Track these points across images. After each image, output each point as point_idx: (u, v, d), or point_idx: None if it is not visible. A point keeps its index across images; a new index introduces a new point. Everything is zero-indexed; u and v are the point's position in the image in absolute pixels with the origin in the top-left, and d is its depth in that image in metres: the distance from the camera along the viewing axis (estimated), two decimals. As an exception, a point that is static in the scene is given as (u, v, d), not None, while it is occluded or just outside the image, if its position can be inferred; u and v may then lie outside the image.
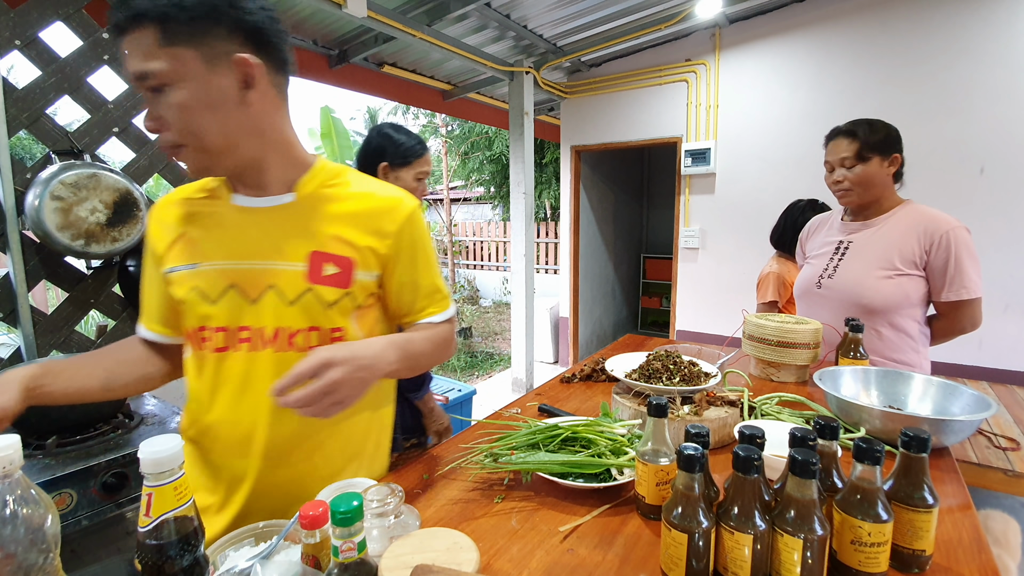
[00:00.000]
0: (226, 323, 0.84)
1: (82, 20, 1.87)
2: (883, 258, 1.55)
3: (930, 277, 1.52)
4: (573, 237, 5.18)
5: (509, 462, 0.92)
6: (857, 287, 1.57)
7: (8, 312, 1.77)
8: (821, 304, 1.66)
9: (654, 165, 6.91)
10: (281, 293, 0.83)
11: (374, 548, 0.66)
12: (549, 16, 3.52)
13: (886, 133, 1.56)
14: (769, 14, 3.71)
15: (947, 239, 1.47)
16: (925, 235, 1.50)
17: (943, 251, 1.47)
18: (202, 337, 0.85)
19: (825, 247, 1.71)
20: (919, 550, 0.68)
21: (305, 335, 0.84)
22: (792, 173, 3.73)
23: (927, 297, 1.55)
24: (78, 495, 1.36)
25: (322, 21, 3.06)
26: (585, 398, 1.40)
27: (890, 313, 1.54)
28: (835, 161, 1.60)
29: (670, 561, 0.66)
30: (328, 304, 0.84)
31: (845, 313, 1.56)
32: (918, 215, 1.54)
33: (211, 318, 0.84)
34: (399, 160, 1.60)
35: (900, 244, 1.53)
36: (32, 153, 9.79)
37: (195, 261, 0.85)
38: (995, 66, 3.04)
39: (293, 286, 0.83)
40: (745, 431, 0.74)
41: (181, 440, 0.54)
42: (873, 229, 1.61)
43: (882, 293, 1.53)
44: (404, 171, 1.60)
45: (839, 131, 1.60)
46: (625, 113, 4.46)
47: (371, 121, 20.01)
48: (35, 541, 0.51)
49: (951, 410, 1.09)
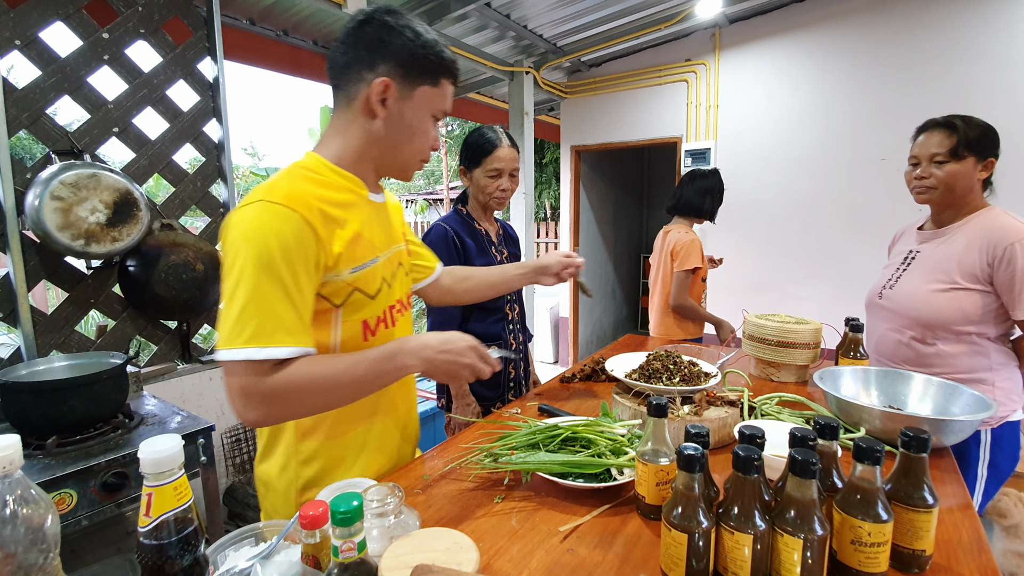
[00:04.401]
0: (396, 299, 1.02)
1: (82, 20, 1.87)
2: (943, 270, 1.43)
3: (1000, 293, 1.36)
4: (573, 237, 5.18)
5: (509, 462, 0.92)
6: (910, 300, 1.48)
7: (8, 312, 1.77)
8: (881, 315, 1.58)
9: (654, 165, 6.91)
10: (404, 267, 1.08)
11: (374, 548, 0.66)
12: (549, 16, 3.52)
13: (987, 133, 1.42)
14: (769, 14, 3.71)
15: (1011, 252, 1.32)
16: (989, 247, 1.36)
17: (1008, 265, 1.33)
18: (384, 321, 0.98)
19: (897, 256, 1.62)
20: (919, 550, 0.68)
21: (410, 296, 1.12)
22: (792, 173, 3.73)
23: (1002, 313, 1.39)
24: (78, 495, 1.36)
25: (322, 21, 3.06)
26: (585, 398, 1.40)
27: (948, 328, 1.41)
28: (925, 156, 1.45)
29: (670, 561, 0.66)
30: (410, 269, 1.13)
31: (901, 326, 1.49)
32: (989, 224, 1.39)
33: (390, 299, 1.00)
34: (468, 161, 1.65)
35: (962, 256, 1.40)
36: (32, 153, 9.77)
37: (376, 255, 0.96)
38: (995, 66, 3.05)
39: (406, 260, 1.10)
40: (745, 431, 0.74)
41: (181, 440, 0.54)
42: (942, 239, 1.48)
43: (934, 307, 1.42)
44: (477, 171, 1.64)
45: (936, 123, 1.45)
46: (625, 113, 4.46)
47: (371, 121, 20.05)
48: (35, 541, 0.51)
49: (951, 410, 1.09)
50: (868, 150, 3.43)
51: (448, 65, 0.93)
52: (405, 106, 0.91)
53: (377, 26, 0.87)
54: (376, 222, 0.98)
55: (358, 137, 0.92)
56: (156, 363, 2.14)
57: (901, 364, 1.49)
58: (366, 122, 0.91)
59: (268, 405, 0.79)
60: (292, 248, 0.79)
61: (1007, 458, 1.41)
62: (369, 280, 0.93)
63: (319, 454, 0.95)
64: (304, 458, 0.95)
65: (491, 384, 1.68)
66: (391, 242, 1.02)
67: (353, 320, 0.92)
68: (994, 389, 1.39)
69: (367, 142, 0.93)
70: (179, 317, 2.16)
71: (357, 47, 0.88)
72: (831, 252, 3.63)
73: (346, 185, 0.93)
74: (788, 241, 3.80)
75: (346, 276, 0.88)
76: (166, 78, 2.09)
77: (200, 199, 2.23)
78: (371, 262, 0.93)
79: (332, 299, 0.88)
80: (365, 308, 0.93)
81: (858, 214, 3.50)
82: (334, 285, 0.87)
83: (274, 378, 0.78)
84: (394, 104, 0.90)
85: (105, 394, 1.53)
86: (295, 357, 0.80)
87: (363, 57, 0.88)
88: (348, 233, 0.88)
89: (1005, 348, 1.43)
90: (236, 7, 2.75)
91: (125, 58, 1.97)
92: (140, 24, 1.99)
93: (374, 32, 0.87)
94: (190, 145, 2.20)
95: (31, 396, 1.43)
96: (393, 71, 0.88)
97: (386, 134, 0.92)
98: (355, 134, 0.92)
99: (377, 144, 0.93)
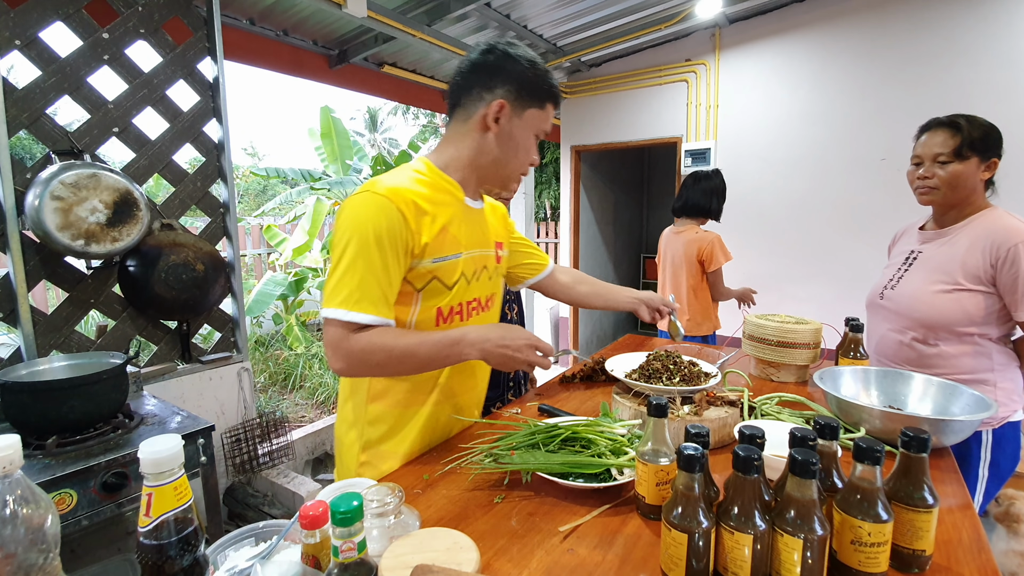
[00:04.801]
0: (473, 297, 1.12)
1: (82, 20, 1.87)
2: (945, 271, 1.42)
3: (1002, 294, 1.36)
4: (573, 237, 5.18)
5: (509, 462, 0.92)
6: (912, 301, 1.47)
7: (8, 312, 1.77)
8: (882, 316, 1.57)
9: (654, 165, 6.91)
10: (488, 271, 1.16)
11: (374, 548, 0.66)
12: (549, 16, 3.52)
13: (990, 133, 1.40)
14: (769, 14, 3.71)
15: (1014, 253, 1.31)
16: (992, 248, 1.35)
17: (1011, 266, 1.32)
18: (459, 313, 1.09)
19: (898, 256, 1.61)
20: (919, 550, 0.68)
21: (492, 299, 1.20)
22: (792, 173, 3.73)
23: (1004, 314, 1.38)
24: (78, 495, 1.36)
25: (322, 21, 3.05)
26: (585, 398, 1.40)
27: (951, 329, 1.40)
28: (928, 155, 1.44)
29: (670, 561, 0.66)
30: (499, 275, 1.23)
31: (903, 326, 1.49)
32: (992, 225, 1.38)
33: (468, 295, 1.10)
34: None
35: (965, 257, 1.39)
36: (32, 153, 9.78)
37: (459, 251, 1.06)
38: (995, 66, 3.04)
39: (492, 265, 1.18)
40: (745, 431, 0.74)
41: (181, 440, 0.54)
42: (944, 240, 1.47)
43: (937, 308, 1.41)
44: None
45: (939, 122, 1.44)
46: (625, 113, 4.46)
47: (371, 121, 20.08)
48: (35, 541, 0.51)
49: (951, 410, 1.09)
50: (868, 150, 3.43)
51: (554, 92, 1.07)
52: (515, 124, 1.04)
53: (499, 55, 1.02)
54: (466, 223, 1.09)
55: (469, 148, 1.07)
56: (156, 363, 2.14)
57: (902, 365, 1.49)
58: (479, 136, 1.05)
59: (348, 359, 0.95)
60: (384, 235, 0.95)
61: (1008, 458, 1.41)
62: (449, 272, 1.04)
63: (383, 418, 1.09)
64: (371, 419, 1.09)
65: (491, 384, 1.68)
66: (479, 244, 1.13)
67: (429, 305, 1.05)
68: (995, 390, 1.38)
69: (477, 153, 1.07)
70: (179, 317, 2.16)
71: (479, 71, 1.03)
72: (831, 252, 3.63)
73: (445, 187, 1.07)
74: (788, 241, 3.80)
75: (428, 264, 1.01)
76: (166, 78, 2.09)
77: (200, 199, 2.23)
78: (453, 256, 1.05)
79: (414, 283, 1.02)
80: (441, 297, 1.05)
81: (858, 214, 3.49)
82: (417, 271, 1.01)
83: (356, 337, 0.94)
84: (506, 122, 1.04)
85: (105, 394, 1.53)
86: (375, 325, 0.95)
87: (484, 80, 1.03)
88: (436, 226, 1.01)
89: (1006, 349, 1.43)
90: (236, 7, 2.75)
91: (125, 58, 1.97)
92: (140, 24, 1.99)
93: (495, 60, 1.02)
94: (190, 145, 2.20)
95: (31, 396, 1.43)
96: (508, 94, 1.02)
97: (495, 147, 1.06)
98: (467, 146, 1.07)
99: (486, 155, 1.07)
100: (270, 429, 2.54)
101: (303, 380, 4.76)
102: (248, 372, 2.42)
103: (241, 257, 4.50)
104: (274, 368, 4.92)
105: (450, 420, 1.17)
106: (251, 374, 2.44)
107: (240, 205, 13.88)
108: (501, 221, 1.29)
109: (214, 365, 2.29)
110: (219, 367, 2.30)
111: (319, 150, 6.55)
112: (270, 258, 6.26)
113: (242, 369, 2.39)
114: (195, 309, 2.15)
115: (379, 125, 19.90)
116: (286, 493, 2.37)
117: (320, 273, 5.76)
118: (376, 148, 19.05)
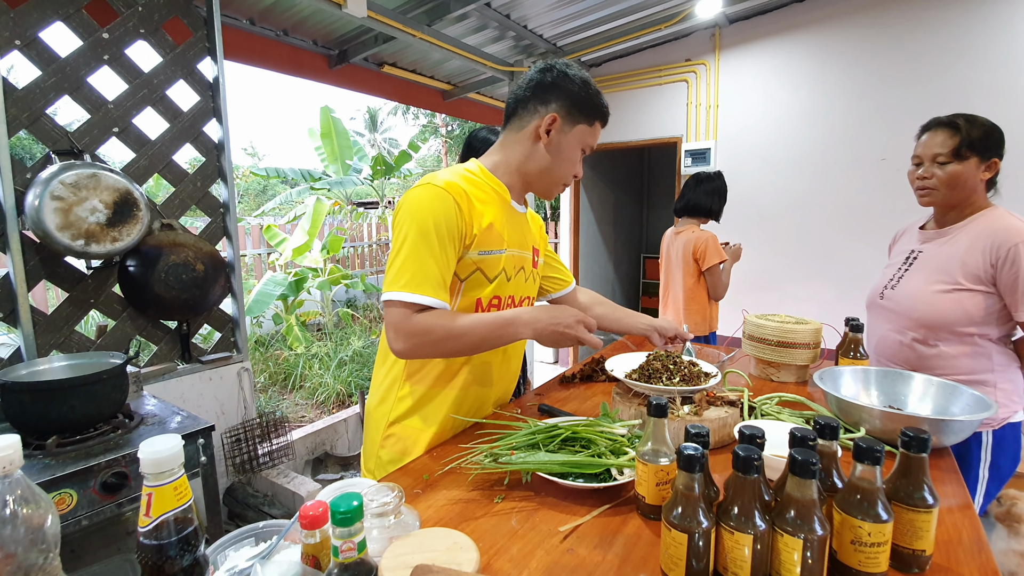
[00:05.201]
0: (509, 294, 1.17)
1: (82, 20, 1.87)
2: (945, 271, 1.42)
3: (1002, 294, 1.35)
4: (573, 237, 5.18)
5: (509, 462, 0.92)
6: (912, 300, 1.46)
7: (8, 312, 1.77)
8: (883, 316, 1.57)
9: (654, 165, 6.91)
10: (525, 272, 1.23)
11: (374, 548, 0.66)
12: (549, 16, 3.52)
13: (990, 133, 1.39)
14: (769, 14, 3.71)
15: (1014, 253, 1.30)
16: (992, 248, 1.34)
17: (1011, 266, 1.31)
18: (497, 307, 1.15)
19: (898, 256, 1.61)
20: (919, 550, 0.68)
21: (526, 301, 1.25)
22: (792, 173, 3.73)
23: (1004, 314, 1.38)
24: (78, 495, 1.36)
25: (322, 21, 3.05)
26: (585, 398, 1.40)
27: (951, 329, 1.40)
28: (927, 156, 1.43)
29: (670, 561, 0.66)
30: (535, 279, 1.29)
31: (903, 326, 1.48)
32: (992, 225, 1.37)
33: (506, 291, 1.16)
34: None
35: (965, 257, 1.39)
36: (32, 153, 9.79)
37: (503, 247, 1.13)
38: (995, 66, 3.04)
39: (529, 268, 1.25)
40: (745, 431, 0.74)
41: (181, 440, 0.54)
42: (944, 239, 1.47)
43: (937, 308, 1.41)
44: None
45: (939, 122, 1.43)
46: (625, 113, 4.45)
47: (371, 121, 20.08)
48: (35, 541, 0.51)
49: (951, 410, 1.09)
50: (868, 150, 3.43)
51: (604, 111, 1.15)
52: (564, 137, 1.12)
53: (556, 74, 1.10)
54: (509, 223, 1.16)
55: (519, 155, 1.15)
56: (156, 363, 2.14)
57: (902, 365, 1.49)
58: (531, 145, 1.13)
59: (410, 339, 1.00)
60: (443, 224, 1.02)
61: (1008, 459, 1.41)
62: (491, 265, 1.11)
63: (412, 395, 1.15)
64: (402, 394, 1.16)
65: None
66: (519, 245, 1.19)
67: (470, 296, 1.11)
68: (995, 390, 1.38)
69: (526, 159, 1.14)
70: (179, 317, 2.16)
71: (537, 87, 1.11)
72: (831, 252, 3.63)
73: (493, 187, 1.15)
74: (788, 241, 3.80)
75: (474, 256, 1.08)
76: (166, 78, 2.09)
77: (200, 199, 2.23)
78: (496, 251, 1.12)
79: (459, 273, 1.08)
80: (481, 288, 1.11)
81: (858, 214, 3.49)
82: (464, 261, 1.08)
83: (417, 318, 1.00)
84: (556, 134, 1.11)
85: (105, 394, 1.53)
86: (434, 307, 1.01)
87: (540, 95, 1.11)
88: (485, 221, 1.09)
89: (1006, 349, 1.42)
90: (236, 7, 2.75)
91: (125, 58, 1.97)
92: (140, 24, 1.99)
93: (553, 77, 1.10)
94: (190, 145, 2.20)
95: (31, 396, 1.42)
96: (561, 108, 1.10)
97: (544, 156, 1.13)
98: (518, 152, 1.15)
99: (534, 162, 1.14)
100: (270, 429, 2.54)
101: (303, 380, 4.76)
102: (248, 372, 2.42)
103: (241, 257, 4.49)
104: (274, 368, 4.92)
105: (477, 400, 1.21)
106: (251, 374, 2.44)
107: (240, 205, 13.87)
108: (539, 231, 1.36)
109: (214, 365, 2.29)
110: (219, 367, 2.30)
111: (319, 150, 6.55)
112: (270, 258, 6.26)
113: (242, 369, 2.39)
114: (195, 309, 2.15)
115: (379, 125, 19.91)
116: (286, 493, 2.37)
117: (320, 273, 5.75)
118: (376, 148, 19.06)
